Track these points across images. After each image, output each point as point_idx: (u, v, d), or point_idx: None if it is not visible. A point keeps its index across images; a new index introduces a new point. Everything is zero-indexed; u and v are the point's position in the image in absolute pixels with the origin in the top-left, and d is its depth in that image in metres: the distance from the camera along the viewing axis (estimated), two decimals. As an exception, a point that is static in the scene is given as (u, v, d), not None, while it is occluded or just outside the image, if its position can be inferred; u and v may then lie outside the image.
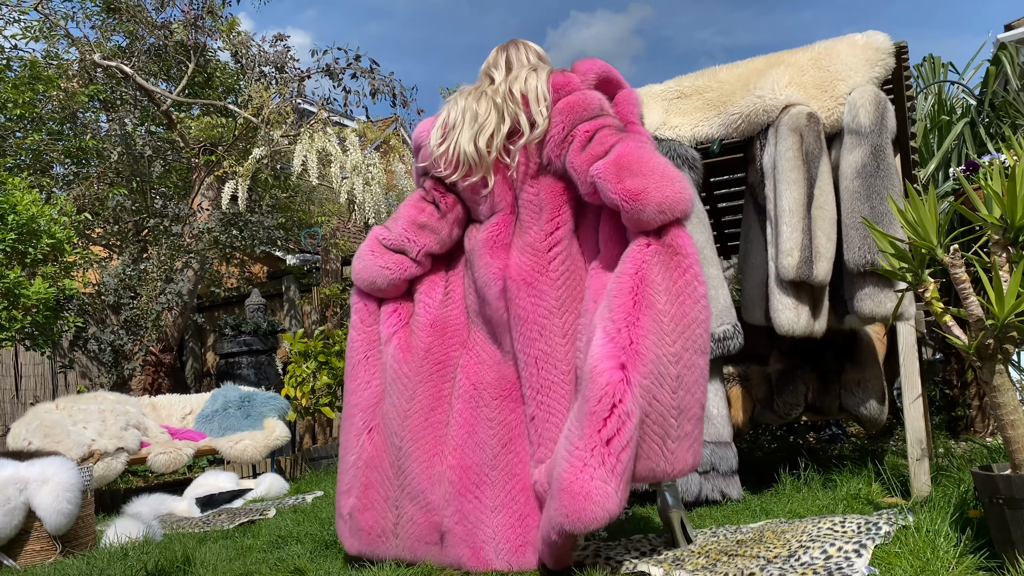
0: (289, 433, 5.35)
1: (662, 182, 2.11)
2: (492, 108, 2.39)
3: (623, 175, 2.13)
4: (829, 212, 3.00)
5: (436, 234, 2.54)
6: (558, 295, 2.30)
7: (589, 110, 2.29)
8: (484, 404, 2.34)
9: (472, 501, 2.27)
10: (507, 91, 2.40)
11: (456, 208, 2.55)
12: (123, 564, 2.64)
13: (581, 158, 2.24)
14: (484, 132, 2.38)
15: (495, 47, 2.57)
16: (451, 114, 2.48)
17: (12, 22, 7.12)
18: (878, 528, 2.27)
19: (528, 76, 2.39)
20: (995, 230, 2.06)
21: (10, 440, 4.40)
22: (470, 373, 2.40)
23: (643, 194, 2.09)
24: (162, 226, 6.84)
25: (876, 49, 3.06)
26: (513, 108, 2.36)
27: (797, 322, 3.01)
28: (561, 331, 2.27)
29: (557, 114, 2.31)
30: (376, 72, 6.77)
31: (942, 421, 4.53)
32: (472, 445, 2.32)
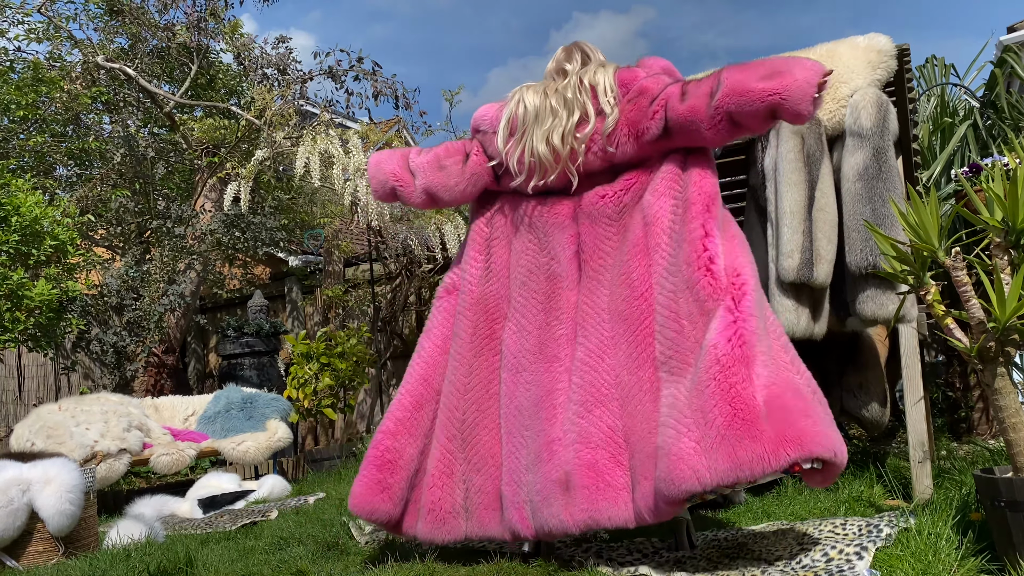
0: (291, 435, 5.36)
1: (789, 67, 2.17)
2: (562, 103, 2.46)
3: (760, 79, 2.17)
4: (830, 214, 3.00)
5: (447, 180, 2.61)
6: (615, 250, 2.40)
7: (662, 82, 2.38)
8: (524, 369, 2.43)
9: (513, 462, 2.37)
10: (577, 82, 2.47)
11: (481, 172, 2.61)
12: (126, 565, 2.64)
13: (688, 104, 2.27)
14: (556, 129, 2.44)
15: (561, 47, 2.64)
16: (518, 111, 2.53)
17: (16, 24, 7.14)
18: (879, 530, 2.26)
19: (596, 70, 2.47)
20: (996, 233, 2.06)
21: (13, 441, 4.41)
22: (510, 344, 2.48)
23: (792, 81, 2.14)
24: (165, 227, 6.85)
25: (878, 51, 3.06)
26: (583, 99, 2.44)
27: (797, 324, 3.01)
28: (609, 282, 2.38)
29: (629, 101, 2.38)
30: (379, 74, 6.77)
31: (944, 423, 4.52)
32: (514, 410, 2.42)
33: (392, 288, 7.24)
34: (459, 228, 5.90)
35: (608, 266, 2.41)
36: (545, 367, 2.40)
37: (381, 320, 7.18)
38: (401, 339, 7.39)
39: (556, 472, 2.24)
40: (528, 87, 2.56)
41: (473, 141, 2.64)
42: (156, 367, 7.08)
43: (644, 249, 2.34)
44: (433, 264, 6.75)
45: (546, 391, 2.37)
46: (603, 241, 2.44)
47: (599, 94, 2.42)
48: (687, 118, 2.28)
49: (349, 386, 6.19)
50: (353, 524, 3.13)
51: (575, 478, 2.20)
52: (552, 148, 2.44)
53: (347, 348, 6.01)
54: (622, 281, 2.36)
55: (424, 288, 7.23)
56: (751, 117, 2.21)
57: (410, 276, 7.03)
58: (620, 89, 2.41)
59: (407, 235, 6.48)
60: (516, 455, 2.38)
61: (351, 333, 6.21)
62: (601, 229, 2.44)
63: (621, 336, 2.31)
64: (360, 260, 7.78)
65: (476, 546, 2.69)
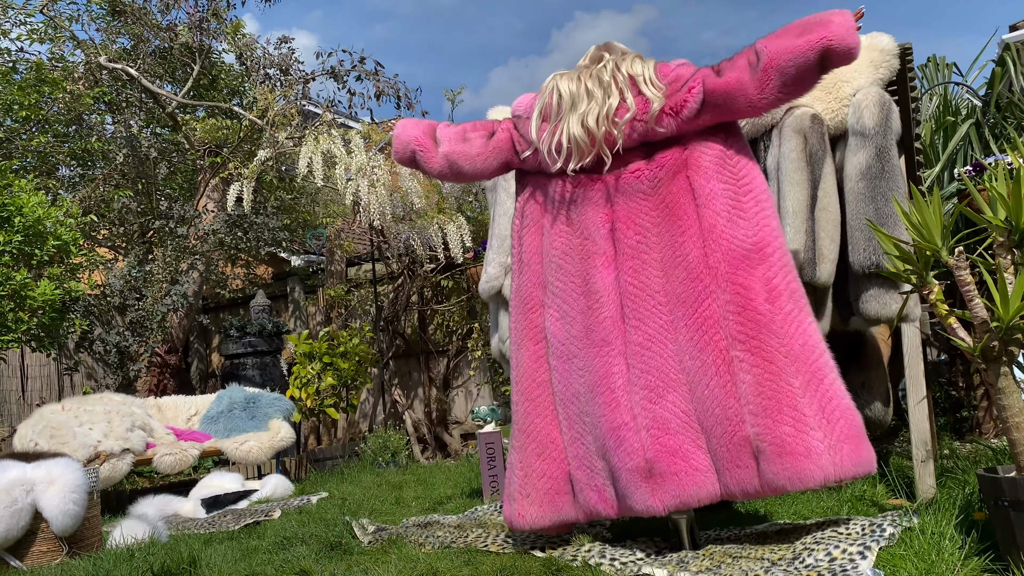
0: (294, 434, 5.36)
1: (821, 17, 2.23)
2: (598, 85, 2.48)
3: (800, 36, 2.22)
4: (833, 214, 3.00)
5: (470, 151, 2.64)
6: (659, 230, 2.41)
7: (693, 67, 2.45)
8: (574, 356, 2.46)
9: (580, 448, 2.44)
10: (614, 67, 2.50)
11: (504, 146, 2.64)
12: (129, 565, 2.65)
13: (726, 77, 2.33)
14: (592, 112, 2.46)
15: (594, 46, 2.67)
16: (552, 99, 2.55)
17: (18, 24, 7.15)
18: (883, 530, 2.26)
19: (634, 61, 2.51)
20: (1000, 232, 2.05)
21: (16, 441, 4.42)
22: (556, 331, 2.51)
23: (833, 25, 2.19)
24: (167, 228, 6.86)
25: (880, 50, 3.06)
26: (620, 84, 2.46)
27: None
28: (659, 263, 2.39)
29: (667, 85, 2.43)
30: (381, 74, 6.78)
31: (947, 423, 4.51)
32: (571, 397, 2.47)
33: (394, 288, 7.25)
34: (461, 228, 5.90)
35: (651, 243, 2.42)
36: (595, 352, 2.42)
37: (383, 320, 7.19)
38: (403, 338, 7.40)
39: (634, 459, 2.28)
40: (562, 74, 2.58)
41: (504, 122, 2.68)
42: (159, 367, 7.09)
43: (698, 232, 2.36)
44: (435, 264, 6.76)
45: (600, 376, 2.39)
46: (640, 216, 2.44)
47: (641, 83, 2.45)
48: (728, 90, 2.32)
49: (352, 385, 6.21)
50: (356, 524, 3.13)
51: (660, 465, 2.25)
52: (587, 130, 2.46)
53: (349, 348, 6.02)
54: (677, 263, 2.37)
55: (426, 288, 7.24)
56: (805, 70, 2.23)
57: (412, 276, 7.04)
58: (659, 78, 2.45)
59: (409, 235, 6.49)
60: (582, 441, 2.44)
61: (353, 333, 6.22)
62: (637, 204, 2.45)
63: (680, 319, 2.34)
64: (362, 260, 7.79)
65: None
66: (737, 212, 2.37)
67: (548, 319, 2.53)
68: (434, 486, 4.36)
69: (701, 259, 2.34)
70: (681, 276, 2.36)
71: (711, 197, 2.37)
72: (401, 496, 4.08)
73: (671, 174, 2.43)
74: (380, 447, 5.63)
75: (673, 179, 2.43)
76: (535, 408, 2.54)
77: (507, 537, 2.75)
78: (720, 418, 2.25)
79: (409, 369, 7.60)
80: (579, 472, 2.44)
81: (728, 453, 2.24)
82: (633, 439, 2.30)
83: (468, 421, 7.08)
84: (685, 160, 2.44)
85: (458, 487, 4.24)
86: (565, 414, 2.48)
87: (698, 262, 2.34)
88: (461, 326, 7.18)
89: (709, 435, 2.28)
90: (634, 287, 2.40)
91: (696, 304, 2.33)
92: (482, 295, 3.61)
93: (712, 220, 2.35)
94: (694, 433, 2.28)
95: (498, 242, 3.56)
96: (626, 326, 2.40)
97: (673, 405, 2.30)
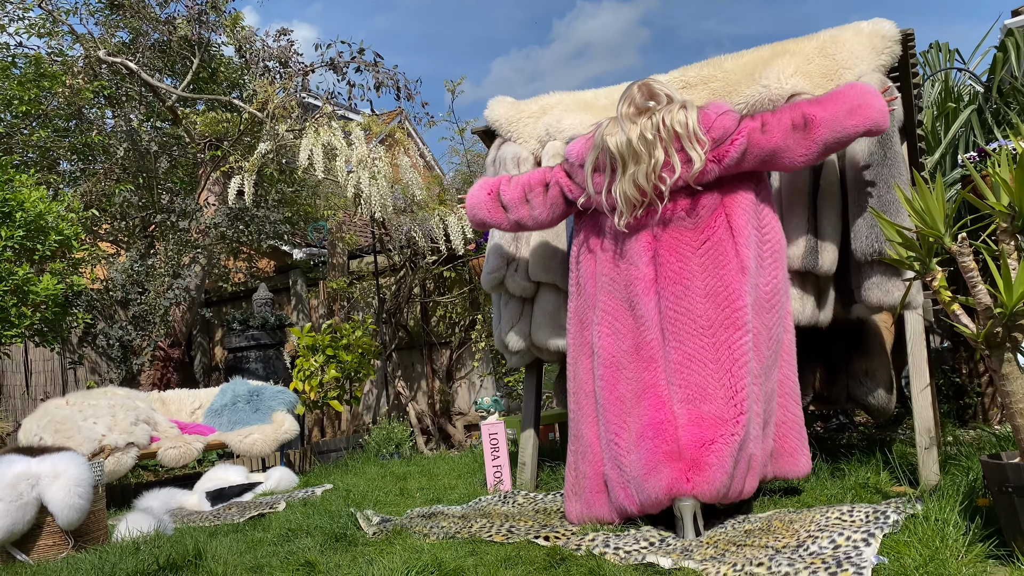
0: (298, 427, 5.37)
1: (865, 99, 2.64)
2: (644, 144, 2.67)
3: (848, 116, 2.61)
4: (834, 202, 2.99)
5: (532, 212, 3.01)
6: (701, 261, 2.63)
7: (734, 117, 2.67)
8: (623, 367, 2.71)
9: (613, 448, 2.66)
10: (660, 122, 2.68)
11: (558, 201, 2.96)
12: (135, 558, 2.66)
13: (770, 135, 2.61)
14: (641, 171, 2.67)
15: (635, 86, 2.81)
16: (604, 158, 2.76)
17: (16, 19, 7.13)
18: (887, 517, 2.27)
19: (678, 112, 2.67)
20: (1003, 218, 2.05)
21: (21, 436, 4.43)
22: (606, 345, 2.75)
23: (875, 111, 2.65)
24: (169, 221, 6.86)
25: (882, 37, 3.05)
26: (665, 140, 2.66)
27: (802, 312, 3.01)
28: (703, 291, 2.60)
29: (707, 134, 2.64)
30: (380, 65, 6.75)
31: (950, 409, 4.51)
32: (615, 400, 2.69)
33: (396, 280, 7.25)
34: (463, 220, 5.89)
35: (694, 272, 2.63)
36: (643, 366, 2.66)
37: (386, 312, 7.19)
38: (406, 330, 7.41)
39: (668, 446, 2.52)
40: (610, 131, 2.75)
41: (554, 170, 2.96)
42: (162, 361, 7.10)
43: (740, 268, 2.60)
44: (437, 256, 6.75)
45: (647, 385, 2.63)
46: (683, 246, 2.66)
47: (684, 139, 2.64)
48: (773, 149, 2.61)
49: (355, 378, 6.21)
50: (360, 515, 3.14)
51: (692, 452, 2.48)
52: (639, 188, 2.68)
53: (352, 340, 6.03)
54: (719, 291, 2.59)
55: (428, 279, 7.24)
56: (845, 143, 2.66)
57: (414, 268, 7.03)
58: (703, 130, 2.64)
59: (411, 227, 6.48)
60: (616, 441, 2.65)
61: (356, 325, 6.23)
62: (679, 235, 2.68)
63: (723, 343, 2.56)
64: (364, 252, 7.78)
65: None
66: (760, 259, 2.67)
67: (597, 334, 2.78)
68: (438, 477, 4.37)
69: (742, 295, 2.58)
70: (723, 304, 2.58)
71: (748, 241, 2.63)
72: (405, 487, 4.09)
73: (711, 211, 2.67)
74: (384, 439, 5.64)
75: (712, 216, 2.66)
76: (583, 416, 2.81)
77: (511, 527, 2.76)
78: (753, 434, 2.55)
79: (412, 361, 7.61)
80: (612, 472, 2.67)
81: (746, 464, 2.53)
82: (671, 431, 2.53)
83: (471, 412, 7.09)
84: (723, 201, 2.68)
85: (462, 478, 4.25)
86: (605, 417, 2.71)
87: (739, 296, 2.58)
88: (463, 318, 7.19)
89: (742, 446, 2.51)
90: (675, 311, 2.62)
91: (736, 332, 2.56)
92: (485, 287, 3.61)
93: (748, 262, 2.60)
94: (727, 435, 2.48)
95: (500, 234, 3.56)
96: (666, 346, 2.63)
97: (708, 412, 2.53)
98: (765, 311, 2.66)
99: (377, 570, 2.26)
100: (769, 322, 2.66)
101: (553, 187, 2.94)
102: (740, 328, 2.55)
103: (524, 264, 3.52)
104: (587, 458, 2.76)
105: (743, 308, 2.56)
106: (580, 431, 2.81)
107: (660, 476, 2.48)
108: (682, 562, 2.13)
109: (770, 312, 2.67)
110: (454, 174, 7.61)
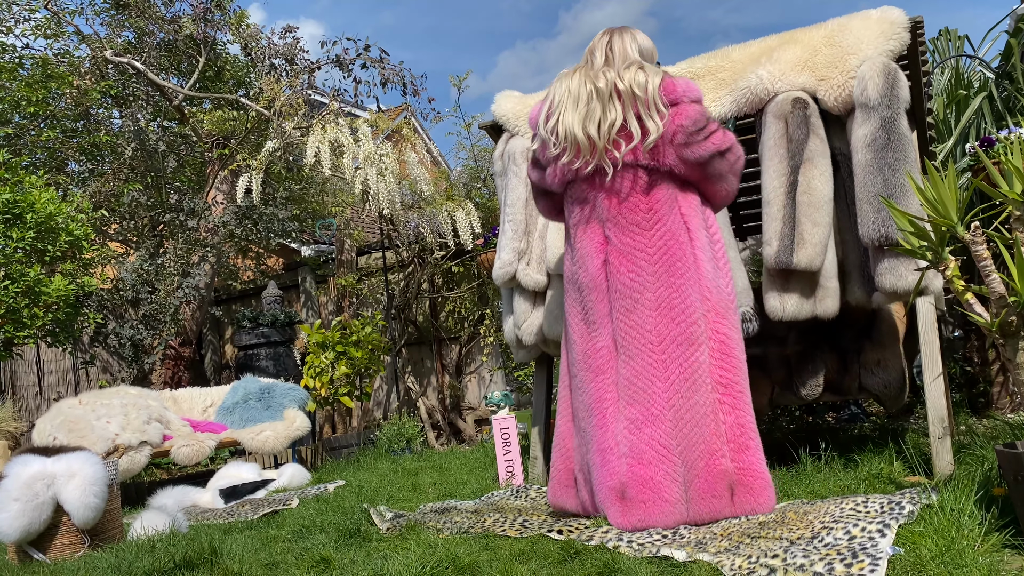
0: (309, 423, 5.39)
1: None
2: (596, 96, 2.50)
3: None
4: (817, 196, 2.96)
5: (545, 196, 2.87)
6: (655, 269, 2.49)
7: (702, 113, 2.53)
8: (575, 376, 2.67)
9: (582, 455, 2.65)
10: (613, 83, 2.51)
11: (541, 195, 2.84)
12: (151, 556, 2.67)
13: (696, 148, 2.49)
14: (591, 119, 2.50)
15: (601, 30, 2.68)
16: (555, 95, 2.61)
17: (22, 20, 7.15)
18: (901, 508, 2.26)
19: (637, 72, 2.51)
20: (1016, 206, 2.03)
21: (35, 436, 4.46)
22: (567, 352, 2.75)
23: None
24: (177, 220, 6.88)
25: (891, 23, 3.02)
26: (620, 106, 2.49)
27: (782, 308, 3.00)
28: (654, 303, 2.48)
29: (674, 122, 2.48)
30: (386, 61, 6.75)
31: (963, 398, 4.49)
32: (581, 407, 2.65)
33: (405, 276, 7.25)
34: (470, 215, 5.89)
35: (646, 283, 2.49)
36: (591, 377, 2.59)
37: (395, 308, 7.20)
38: (415, 326, 7.42)
39: (612, 480, 2.49)
40: (564, 74, 2.62)
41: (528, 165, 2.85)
42: (173, 359, 7.13)
43: (696, 277, 2.49)
44: (445, 251, 6.75)
45: (596, 399, 2.57)
46: (636, 253, 2.51)
47: (643, 104, 2.48)
48: (691, 157, 2.49)
49: (365, 374, 6.23)
50: (374, 511, 3.15)
51: (631, 491, 2.44)
52: (587, 135, 2.51)
53: (362, 336, 6.04)
54: (673, 305, 2.48)
55: (437, 275, 7.25)
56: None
57: (422, 263, 7.04)
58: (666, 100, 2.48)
59: (419, 223, 6.48)
60: (584, 448, 2.65)
61: (365, 321, 6.24)
62: (631, 239, 2.52)
63: (674, 360, 2.46)
64: (372, 248, 7.79)
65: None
66: (714, 262, 2.55)
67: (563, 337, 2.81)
68: (450, 472, 4.38)
69: (698, 306, 2.47)
70: (678, 319, 2.47)
71: (703, 245, 2.52)
72: (417, 482, 4.10)
73: (667, 209, 2.52)
74: (395, 434, 5.65)
75: (670, 215, 2.51)
76: (561, 409, 2.80)
77: (524, 521, 2.76)
78: (703, 453, 2.45)
79: (422, 356, 7.62)
80: (580, 474, 2.70)
81: (706, 484, 2.44)
82: (615, 463, 2.50)
83: (482, 407, 7.10)
84: (678, 199, 2.54)
85: (473, 472, 4.26)
86: (576, 422, 2.73)
87: (694, 308, 2.47)
88: (472, 312, 7.19)
89: (690, 467, 2.45)
90: (626, 324, 2.51)
91: (690, 348, 2.46)
92: (496, 281, 3.61)
93: (704, 268, 2.50)
94: (669, 465, 2.44)
95: (511, 228, 3.56)
96: (618, 359, 2.54)
97: (650, 438, 2.45)
98: (729, 315, 2.55)
99: (392, 566, 2.26)
100: (736, 325, 2.58)
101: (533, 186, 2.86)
102: (693, 344, 2.46)
103: (538, 257, 3.52)
104: (562, 452, 2.77)
105: (696, 322, 2.47)
106: (559, 426, 2.81)
107: (610, 509, 2.49)
108: (696, 555, 2.13)
109: (734, 315, 2.57)
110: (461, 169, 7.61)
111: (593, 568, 2.12)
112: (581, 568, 2.14)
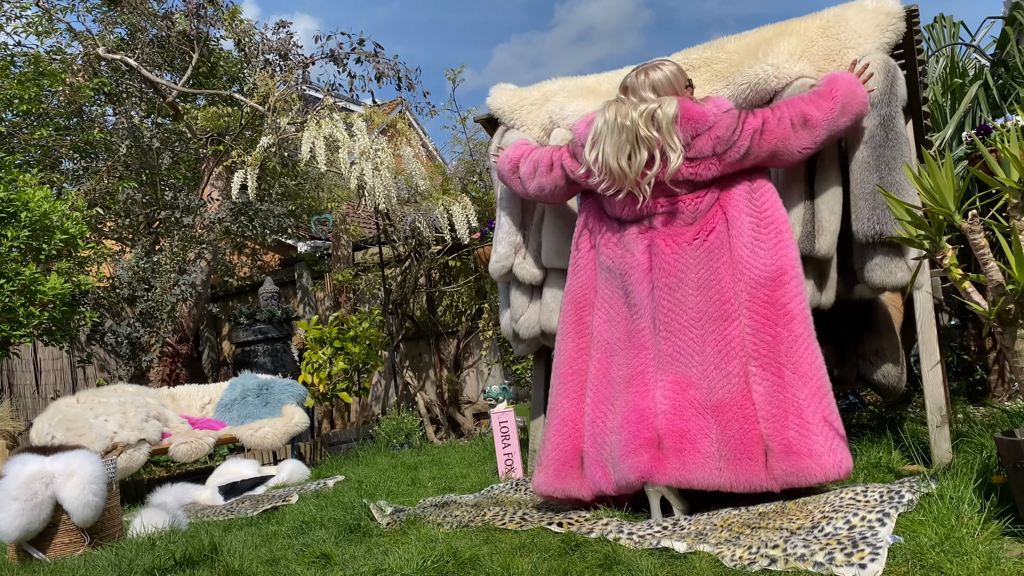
0: (308, 419, 5.39)
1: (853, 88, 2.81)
2: (627, 132, 2.74)
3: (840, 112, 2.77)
4: (832, 184, 2.97)
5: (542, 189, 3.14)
6: (697, 254, 2.71)
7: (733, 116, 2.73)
8: (616, 352, 2.81)
9: (597, 427, 2.75)
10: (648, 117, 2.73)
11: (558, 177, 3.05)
12: (151, 554, 2.67)
13: (771, 134, 2.70)
14: (623, 153, 2.75)
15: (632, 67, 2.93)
16: (598, 124, 2.84)
17: (13, 18, 7.11)
18: (901, 496, 2.26)
19: (661, 107, 2.73)
20: (1014, 194, 2.03)
21: (34, 435, 4.45)
22: (602, 331, 2.86)
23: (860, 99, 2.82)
24: (173, 218, 6.86)
25: (886, 14, 3.01)
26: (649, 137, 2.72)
27: None
28: (696, 283, 2.69)
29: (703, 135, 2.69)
30: (380, 55, 6.73)
31: (960, 387, 4.50)
32: (607, 382, 2.80)
33: (402, 271, 7.25)
34: (467, 209, 5.88)
35: (688, 265, 2.71)
36: (635, 353, 2.74)
37: (392, 303, 7.19)
38: (413, 321, 7.41)
39: (648, 432, 2.59)
40: (610, 104, 2.83)
41: (562, 149, 3.05)
42: (171, 357, 7.12)
43: (730, 260, 2.69)
44: (442, 245, 6.75)
45: (637, 371, 2.71)
46: (679, 239, 2.74)
47: (664, 134, 2.70)
48: (772, 148, 2.70)
49: (363, 369, 6.22)
50: (374, 506, 3.15)
51: (668, 440, 2.56)
52: (621, 168, 2.75)
53: (359, 332, 6.03)
54: (711, 285, 2.68)
55: (433, 269, 7.24)
56: (836, 139, 2.82)
57: (419, 258, 7.03)
58: (685, 125, 2.69)
59: (415, 217, 6.47)
60: (602, 420, 2.75)
61: (363, 317, 6.23)
62: (676, 229, 2.76)
63: (710, 335, 2.65)
64: (369, 244, 7.78)
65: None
66: (759, 243, 2.69)
67: (596, 319, 2.88)
68: (449, 466, 4.38)
69: (731, 285, 2.67)
70: (714, 298, 2.67)
71: (741, 230, 2.70)
72: (417, 477, 4.10)
73: (709, 207, 2.75)
74: (394, 429, 5.65)
75: (711, 212, 2.75)
76: (567, 391, 2.88)
77: (524, 515, 2.77)
78: (737, 416, 2.56)
79: (420, 351, 7.62)
80: (591, 448, 2.74)
81: (742, 445, 2.52)
82: (652, 419, 2.61)
83: (480, 400, 7.10)
84: (720, 196, 2.76)
85: (473, 466, 4.26)
86: (595, 397, 2.80)
87: (728, 287, 2.67)
88: (470, 307, 7.19)
89: (725, 429, 2.56)
90: (668, 302, 2.70)
91: (724, 323, 2.65)
92: (492, 275, 3.60)
93: (740, 251, 2.68)
94: (704, 423, 2.57)
95: (507, 221, 3.55)
96: (656, 335, 2.71)
97: (690, 399, 2.61)
98: (771, 290, 2.64)
99: (393, 560, 2.26)
100: (782, 300, 2.64)
101: (556, 167, 3.03)
102: (727, 319, 2.64)
103: (534, 251, 3.51)
104: (564, 432, 2.83)
105: (729, 300, 2.65)
106: (561, 407, 2.87)
107: (638, 459, 2.56)
108: (697, 546, 2.13)
109: (779, 290, 2.65)
110: (457, 163, 7.59)
111: (594, 560, 2.12)
112: (582, 560, 2.15)
